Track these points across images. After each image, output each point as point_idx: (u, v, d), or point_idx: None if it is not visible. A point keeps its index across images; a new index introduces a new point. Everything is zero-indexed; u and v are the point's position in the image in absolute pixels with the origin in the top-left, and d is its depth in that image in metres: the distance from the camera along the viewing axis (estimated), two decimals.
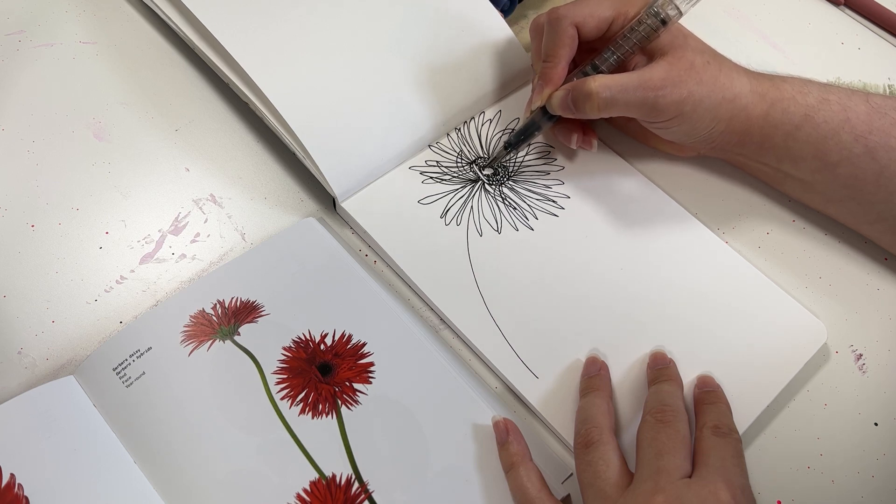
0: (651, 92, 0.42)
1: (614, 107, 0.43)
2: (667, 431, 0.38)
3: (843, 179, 0.44)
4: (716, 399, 0.41)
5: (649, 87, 0.42)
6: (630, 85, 0.43)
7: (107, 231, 0.45)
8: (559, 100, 0.45)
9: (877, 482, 0.42)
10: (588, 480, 0.37)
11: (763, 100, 0.44)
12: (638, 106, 0.43)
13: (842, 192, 0.45)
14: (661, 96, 0.42)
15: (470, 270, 0.45)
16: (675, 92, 0.42)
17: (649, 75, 0.43)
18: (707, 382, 0.42)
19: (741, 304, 0.45)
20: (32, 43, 0.51)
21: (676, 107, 0.43)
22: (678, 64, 0.43)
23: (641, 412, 0.40)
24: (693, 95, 0.43)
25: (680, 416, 0.39)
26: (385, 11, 0.51)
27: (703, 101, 0.43)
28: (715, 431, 0.38)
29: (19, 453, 0.36)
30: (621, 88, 0.43)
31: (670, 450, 0.37)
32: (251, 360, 0.41)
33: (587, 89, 0.43)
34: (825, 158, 0.44)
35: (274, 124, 0.47)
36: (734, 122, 0.44)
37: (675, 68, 0.43)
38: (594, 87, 0.43)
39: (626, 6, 0.45)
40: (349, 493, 0.37)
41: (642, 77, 0.43)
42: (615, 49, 0.45)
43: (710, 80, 0.43)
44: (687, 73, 0.43)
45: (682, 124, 0.44)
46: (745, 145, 0.46)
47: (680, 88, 0.42)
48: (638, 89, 0.43)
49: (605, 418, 0.39)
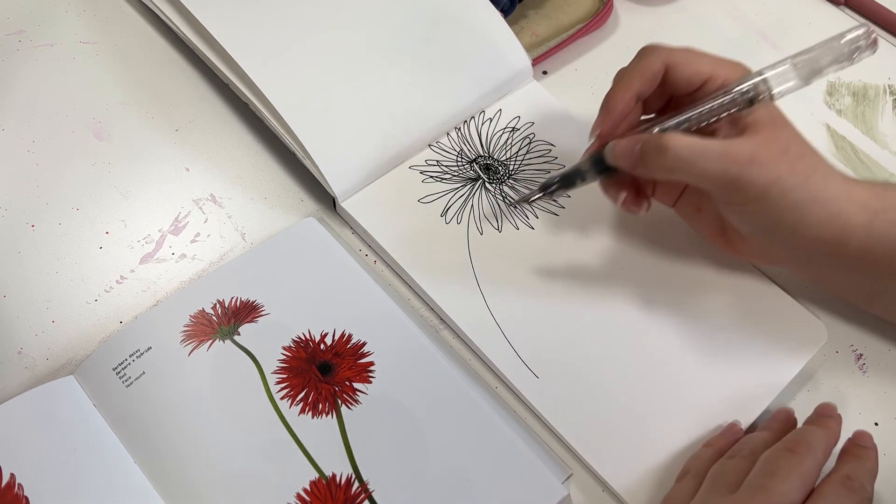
0: (735, 165, 0.37)
1: (688, 171, 0.38)
2: (789, 459, 0.36)
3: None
4: (863, 454, 0.37)
5: (734, 160, 0.37)
6: (712, 151, 0.37)
7: (107, 231, 0.45)
8: (624, 148, 0.40)
9: (877, 482, 0.42)
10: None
11: (864, 209, 0.39)
12: (716, 178, 0.38)
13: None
14: (746, 172, 0.37)
15: (470, 269, 0.45)
16: (763, 172, 0.37)
17: (737, 147, 0.37)
18: (862, 437, 0.39)
19: (741, 304, 0.45)
20: (32, 43, 0.51)
21: (761, 189, 0.37)
22: (772, 144, 0.38)
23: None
24: (782, 182, 0.37)
25: (812, 454, 0.36)
26: (385, 11, 0.51)
27: (791, 193, 0.38)
28: (843, 481, 0.35)
29: (19, 453, 0.36)
30: (701, 152, 0.37)
31: (784, 474, 0.35)
32: (251, 359, 0.41)
33: (661, 142, 0.38)
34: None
35: (273, 124, 0.47)
36: (823, 228, 0.38)
37: (767, 148, 0.38)
38: (671, 140, 0.38)
39: (726, 69, 0.40)
40: (349, 492, 0.37)
41: (728, 147, 0.37)
42: (702, 109, 0.39)
43: (803, 172, 0.38)
44: (780, 156, 0.38)
45: (764, 213, 0.39)
46: (840, 257, 0.40)
47: (769, 169, 0.37)
48: (720, 158, 0.37)
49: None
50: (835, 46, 0.38)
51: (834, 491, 0.35)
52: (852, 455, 0.38)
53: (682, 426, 0.41)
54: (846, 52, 0.38)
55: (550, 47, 0.55)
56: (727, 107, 0.39)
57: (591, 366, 0.43)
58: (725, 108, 0.39)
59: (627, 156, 0.40)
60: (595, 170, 0.42)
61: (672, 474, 0.40)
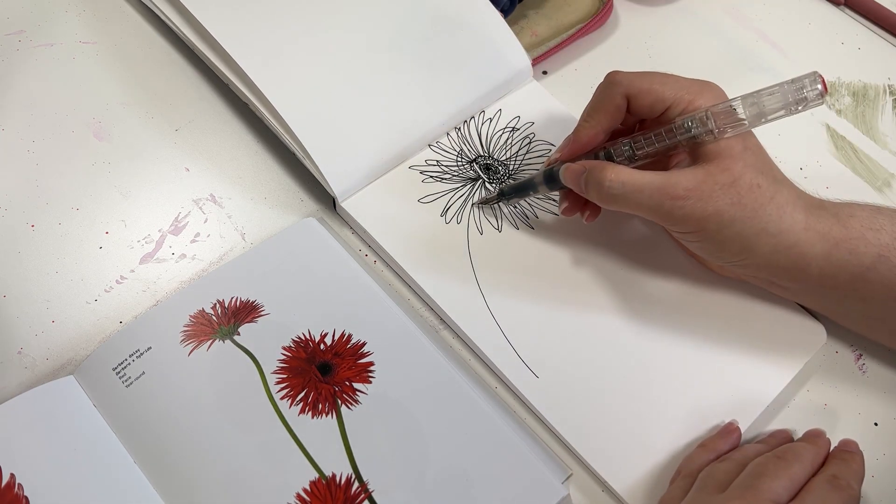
0: (669, 200, 0.38)
1: (624, 204, 0.40)
2: (777, 462, 0.37)
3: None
4: (850, 458, 0.38)
5: (668, 195, 0.38)
6: (648, 187, 0.39)
7: (107, 231, 0.45)
8: (573, 173, 0.41)
9: (877, 482, 0.42)
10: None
11: (824, 239, 0.39)
12: (651, 210, 0.39)
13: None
14: (679, 207, 0.38)
15: (470, 269, 0.45)
16: (697, 206, 0.38)
17: (674, 181, 0.38)
18: (849, 444, 0.40)
19: (741, 305, 0.45)
20: (32, 43, 0.51)
21: (697, 222, 0.39)
22: (717, 176, 0.38)
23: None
24: (721, 215, 0.38)
25: (800, 461, 0.37)
26: (384, 11, 0.51)
27: (733, 225, 0.38)
28: (830, 479, 0.36)
29: (19, 453, 0.36)
30: (635, 188, 0.39)
31: (772, 475, 0.36)
32: (251, 359, 0.41)
33: (601, 176, 0.40)
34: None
35: (273, 124, 0.47)
36: (777, 256, 0.40)
37: (710, 181, 0.38)
38: (607, 177, 0.39)
39: (691, 95, 0.40)
40: (349, 492, 0.37)
41: (666, 182, 0.38)
42: (656, 139, 0.40)
43: (751, 205, 0.38)
44: (723, 189, 0.38)
45: (704, 242, 0.40)
46: (799, 281, 0.41)
47: (706, 204, 0.38)
48: (655, 194, 0.38)
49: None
50: (785, 90, 0.38)
51: (821, 488, 0.36)
52: (839, 458, 0.39)
53: (682, 426, 0.41)
54: (793, 100, 0.38)
55: (550, 47, 0.55)
56: (670, 145, 0.40)
57: (591, 366, 0.43)
58: (671, 144, 0.40)
59: (575, 180, 0.42)
60: (546, 184, 0.44)
61: (672, 474, 0.40)
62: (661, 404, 0.42)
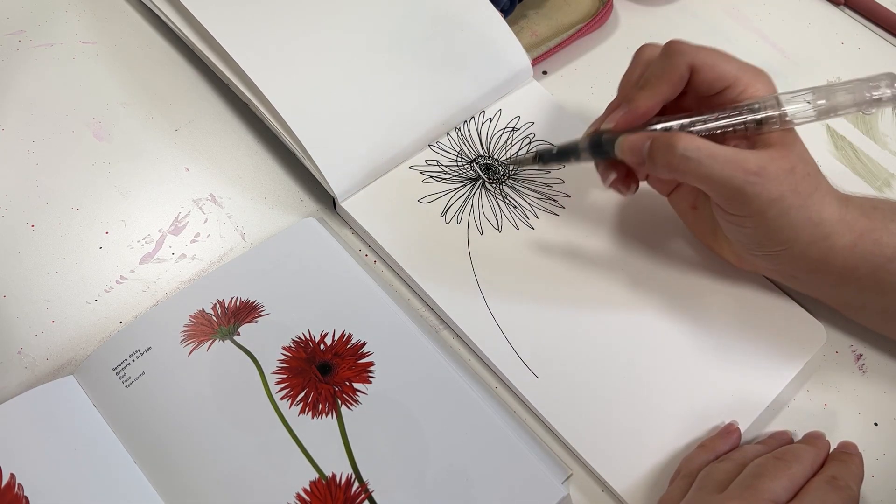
0: (742, 174, 0.37)
1: (695, 172, 0.38)
2: (776, 463, 0.37)
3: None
4: (849, 459, 0.38)
5: (742, 168, 0.37)
6: (721, 156, 0.37)
7: (107, 231, 0.45)
8: (633, 144, 0.39)
9: (877, 482, 0.42)
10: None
11: (851, 230, 0.39)
12: (722, 184, 0.38)
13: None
14: (751, 183, 0.37)
15: (470, 269, 0.45)
16: (768, 187, 0.37)
17: (747, 157, 0.37)
18: (848, 446, 0.40)
19: (741, 305, 0.45)
20: (32, 43, 0.51)
21: (762, 204, 0.38)
22: (780, 161, 0.38)
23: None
24: (784, 200, 0.38)
25: (800, 462, 0.37)
26: (384, 11, 0.51)
27: (789, 212, 0.38)
28: (829, 480, 0.36)
29: (19, 453, 0.36)
30: (709, 153, 0.37)
31: (771, 475, 0.36)
32: (251, 359, 0.41)
33: (671, 140, 0.38)
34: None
35: (273, 124, 0.47)
36: (811, 248, 0.39)
37: (775, 164, 0.37)
38: (681, 140, 0.37)
39: (748, 76, 0.39)
40: (349, 492, 0.37)
41: (739, 156, 0.37)
42: (721, 115, 0.39)
43: (804, 193, 0.38)
44: (787, 174, 0.38)
45: (759, 228, 0.39)
46: (821, 274, 0.41)
47: (775, 185, 0.37)
48: (729, 164, 0.37)
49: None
50: (859, 87, 0.38)
51: (820, 488, 0.36)
52: (838, 459, 0.39)
53: (682, 426, 0.41)
54: (868, 100, 0.38)
55: (550, 47, 0.55)
56: (737, 125, 0.39)
57: (591, 366, 0.43)
58: (735, 126, 0.39)
59: (636, 152, 0.39)
60: (591, 151, 0.42)
61: (672, 474, 0.40)
62: (661, 404, 0.42)
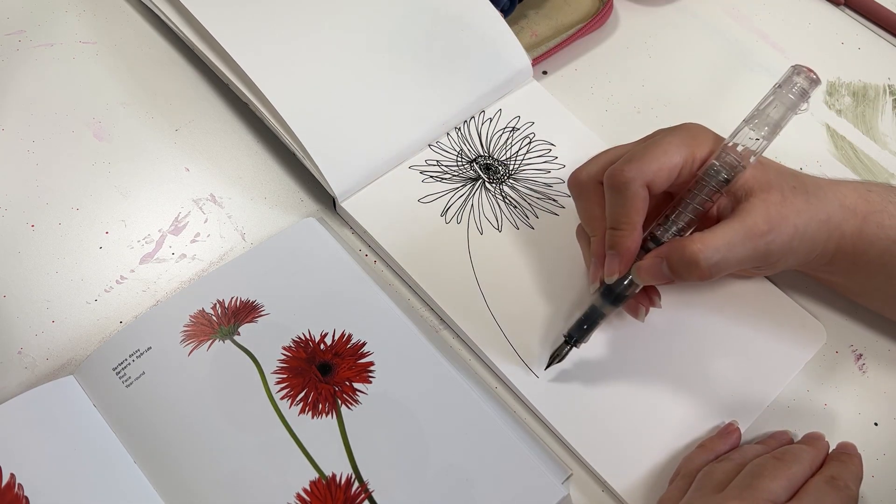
0: (760, 240, 0.37)
1: (725, 268, 0.37)
2: (775, 463, 0.37)
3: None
4: (848, 459, 0.39)
5: (757, 235, 0.37)
6: (736, 240, 0.37)
7: (107, 231, 0.45)
8: (650, 268, 0.38)
9: (877, 482, 0.42)
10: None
11: (854, 214, 0.40)
12: (749, 259, 0.38)
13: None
14: (772, 241, 0.37)
15: (471, 269, 0.45)
16: (783, 232, 0.37)
17: (752, 221, 0.37)
18: (847, 446, 0.40)
19: (741, 305, 0.45)
20: (32, 43, 0.51)
21: (785, 247, 0.38)
22: (771, 199, 0.38)
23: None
24: (798, 229, 0.38)
25: (799, 462, 0.37)
26: (385, 11, 0.51)
27: (806, 232, 0.38)
28: (828, 480, 0.36)
29: (19, 453, 0.36)
30: (728, 246, 0.37)
31: (770, 476, 0.36)
32: (251, 359, 0.41)
33: (690, 255, 0.37)
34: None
35: (273, 124, 0.47)
36: (829, 243, 0.40)
37: (772, 206, 0.38)
38: (698, 252, 0.37)
39: (693, 149, 0.39)
40: (349, 492, 0.37)
41: (745, 226, 0.37)
42: (693, 202, 0.39)
43: (804, 207, 0.38)
44: (784, 206, 0.38)
45: (788, 260, 0.39)
46: (836, 263, 0.41)
47: (786, 226, 0.38)
48: (746, 242, 0.37)
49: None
50: (780, 95, 0.38)
51: (819, 488, 0.36)
52: (837, 460, 0.39)
53: (682, 426, 0.41)
54: (795, 100, 0.38)
55: (550, 47, 0.55)
56: (713, 193, 0.39)
57: (591, 366, 0.43)
58: (711, 195, 0.39)
59: (657, 275, 0.39)
60: (611, 304, 0.40)
61: (671, 474, 0.40)
62: (661, 404, 0.42)
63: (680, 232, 0.39)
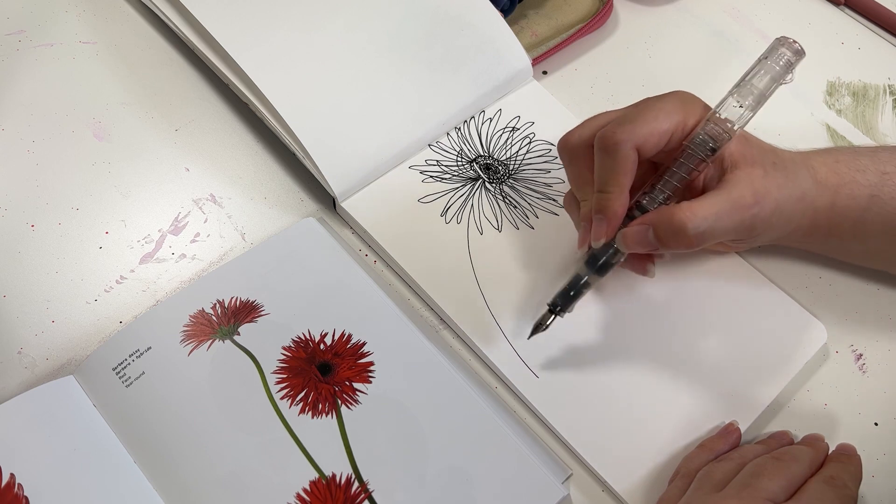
0: (746, 212, 0.37)
1: (711, 239, 0.37)
2: (775, 463, 0.37)
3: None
4: (847, 460, 0.39)
5: (744, 207, 0.37)
6: (724, 210, 0.37)
7: (107, 231, 0.45)
8: (636, 236, 0.38)
9: (877, 482, 0.42)
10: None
11: (826, 189, 0.41)
12: (734, 231, 0.38)
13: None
14: (756, 215, 0.38)
15: (471, 268, 0.45)
16: (766, 207, 0.38)
17: (738, 193, 0.37)
18: (846, 448, 0.40)
19: (741, 305, 0.45)
20: (32, 43, 0.51)
21: (767, 219, 0.38)
22: (755, 173, 0.38)
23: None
24: (778, 204, 0.39)
25: (798, 462, 0.37)
26: (384, 11, 0.51)
27: (784, 208, 0.39)
28: (827, 479, 0.36)
29: (19, 453, 0.36)
30: (716, 216, 0.37)
31: (769, 475, 0.36)
32: (251, 359, 0.41)
33: (678, 222, 0.37)
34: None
35: (273, 124, 0.47)
36: (804, 219, 0.41)
37: (756, 179, 0.38)
38: (686, 220, 0.37)
39: (685, 116, 0.39)
40: (349, 492, 0.37)
41: (732, 197, 0.37)
42: (679, 170, 0.39)
43: (783, 183, 0.39)
44: (767, 180, 0.38)
45: (767, 235, 0.40)
46: (811, 236, 0.43)
47: (769, 200, 0.38)
48: (733, 213, 0.37)
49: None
50: (767, 66, 0.39)
51: (817, 488, 0.36)
52: (836, 460, 0.39)
53: (682, 426, 0.41)
54: (781, 70, 0.39)
55: (550, 47, 0.55)
56: (700, 162, 0.39)
57: (591, 366, 0.43)
58: (698, 164, 0.39)
59: (642, 243, 0.38)
60: (596, 272, 0.40)
61: (671, 474, 0.40)
62: (661, 404, 0.42)
63: (666, 201, 0.40)
